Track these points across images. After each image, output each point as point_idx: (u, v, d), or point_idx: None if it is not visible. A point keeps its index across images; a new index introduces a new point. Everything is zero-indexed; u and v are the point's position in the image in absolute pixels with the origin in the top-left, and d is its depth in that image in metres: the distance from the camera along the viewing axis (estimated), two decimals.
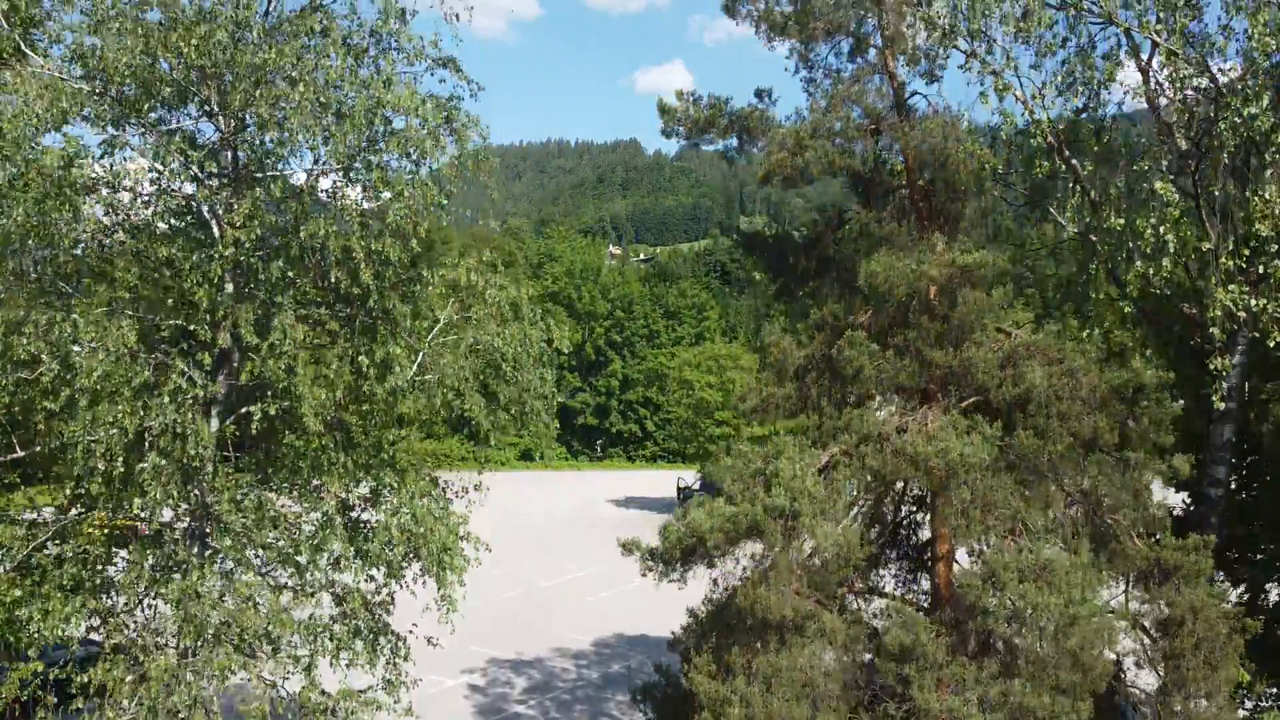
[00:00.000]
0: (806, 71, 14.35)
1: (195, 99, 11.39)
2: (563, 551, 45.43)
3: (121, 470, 10.80)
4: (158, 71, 10.41)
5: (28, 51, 10.41)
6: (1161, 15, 12.62)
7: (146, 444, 11.33)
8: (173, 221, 12.02)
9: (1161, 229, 11.04)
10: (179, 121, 11.42)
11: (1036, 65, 13.50)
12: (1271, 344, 11.41)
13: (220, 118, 11.69)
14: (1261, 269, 11.67)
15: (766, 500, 10.81)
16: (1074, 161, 13.73)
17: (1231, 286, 11.16)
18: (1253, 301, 11.45)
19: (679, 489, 60.63)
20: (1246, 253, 11.67)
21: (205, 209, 11.96)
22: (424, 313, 13.94)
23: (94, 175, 11.11)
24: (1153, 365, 12.00)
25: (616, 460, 79.71)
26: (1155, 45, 12.25)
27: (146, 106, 10.59)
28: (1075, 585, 10.09)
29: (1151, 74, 12.59)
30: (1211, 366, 12.18)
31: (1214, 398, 12.41)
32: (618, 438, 79.36)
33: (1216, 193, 12.18)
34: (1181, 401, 12.98)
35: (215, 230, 12.16)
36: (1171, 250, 11.19)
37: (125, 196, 11.26)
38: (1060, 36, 14.21)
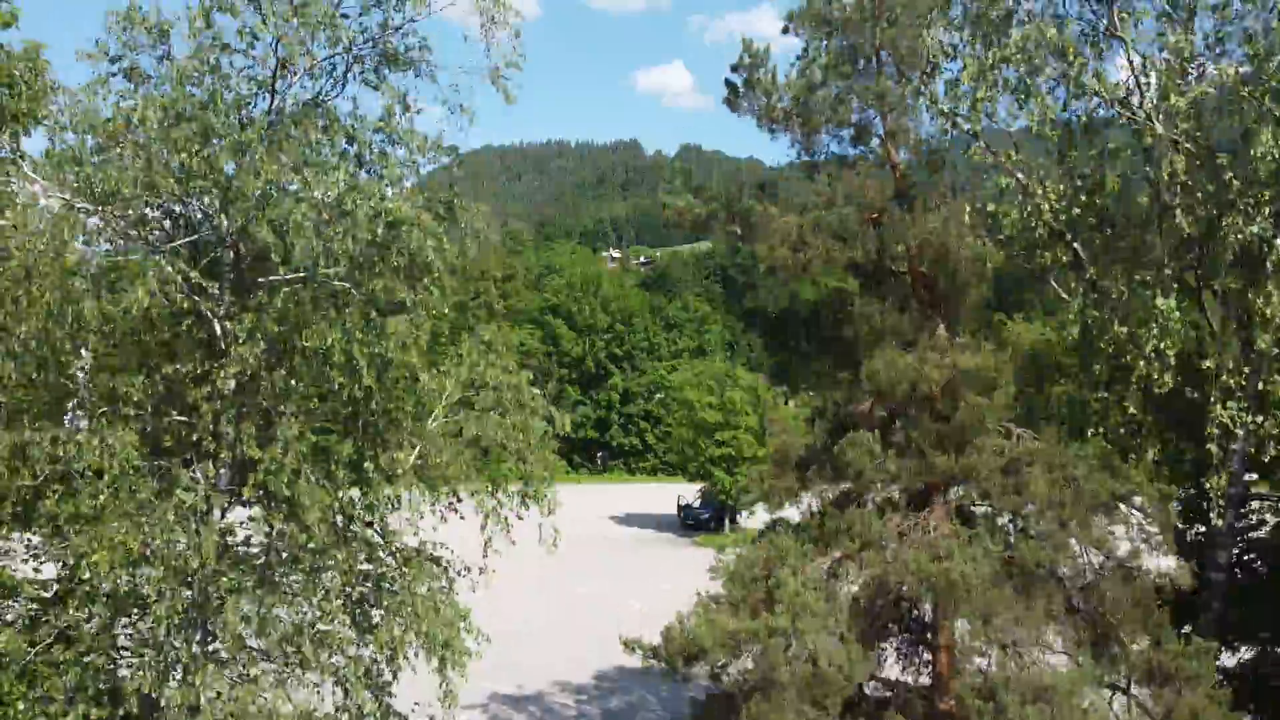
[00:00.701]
0: (808, 157, 14.34)
1: (195, 209, 11.40)
2: (563, 575, 45.40)
3: (125, 589, 10.82)
4: (157, 190, 10.40)
5: (30, 173, 10.40)
6: (1168, 103, 12.59)
7: (149, 551, 11.35)
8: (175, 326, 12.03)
9: (1163, 344, 11.04)
10: (177, 230, 11.41)
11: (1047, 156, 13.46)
12: (1267, 459, 11.43)
13: (222, 220, 11.70)
14: (1261, 385, 11.67)
15: (769, 620, 10.83)
16: (1078, 250, 13.71)
17: (1231, 403, 11.16)
18: (1250, 418, 11.44)
19: (679, 506, 60.72)
20: (1247, 370, 11.67)
21: (206, 309, 11.96)
22: (426, 402, 13.95)
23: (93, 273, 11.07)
24: (1155, 466, 11.99)
25: (617, 473, 79.77)
26: (1169, 143, 12.21)
27: (147, 226, 10.58)
28: (1077, 711, 10.10)
29: (1161, 170, 12.51)
30: (1208, 485, 12.18)
31: (1211, 514, 12.40)
32: (618, 451, 79.42)
33: (1218, 287, 12.18)
34: (1179, 504, 13.00)
35: (217, 328, 12.17)
36: (1173, 364, 11.19)
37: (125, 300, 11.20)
38: (1062, 120, 14.19)
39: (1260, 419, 11.50)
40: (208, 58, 11.85)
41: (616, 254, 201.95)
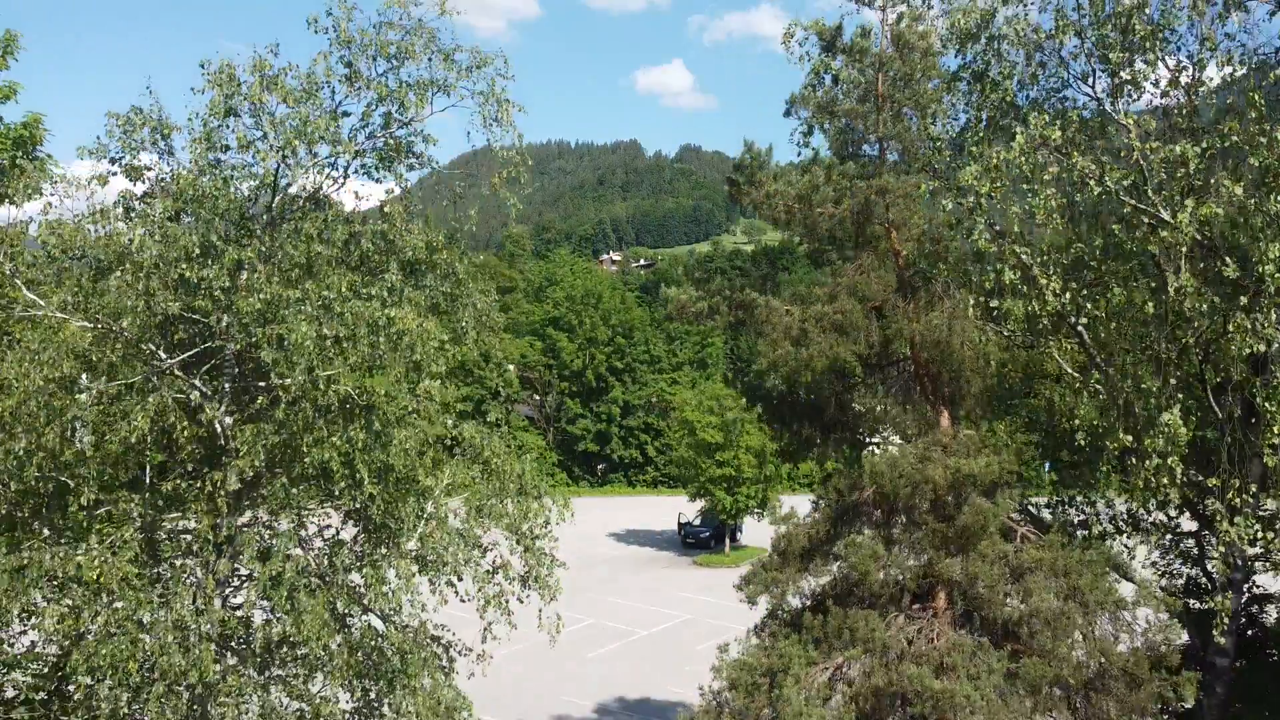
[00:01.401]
0: (811, 247, 14.28)
1: (196, 319, 11.34)
2: (564, 598, 45.34)
3: (126, 710, 10.78)
4: (157, 312, 10.35)
5: (31, 296, 10.32)
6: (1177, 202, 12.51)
7: (151, 663, 11.32)
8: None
9: (1170, 460, 10.97)
10: (175, 348, 11.34)
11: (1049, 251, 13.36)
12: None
13: (222, 322, 11.65)
14: (1270, 500, 11.60)
15: None
16: (1083, 335, 13.59)
17: (1238, 520, 11.09)
18: (1260, 534, 11.34)
19: (680, 524, 60.62)
20: (1254, 489, 11.60)
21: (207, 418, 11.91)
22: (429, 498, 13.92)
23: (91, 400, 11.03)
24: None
25: (618, 486, 79.70)
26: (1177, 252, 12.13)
27: (148, 349, 10.51)
28: None
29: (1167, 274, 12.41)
30: (1212, 605, 12.11)
31: (1214, 632, 12.33)
32: (619, 464, 79.32)
33: (1226, 401, 12.10)
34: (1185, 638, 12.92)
35: (218, 427, 12.12)
36: (1179, 481, 11.11)
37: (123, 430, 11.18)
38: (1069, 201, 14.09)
39: (1270, 535, 11.42)
40: (209, 157, 11.85)
41: (617, 257, 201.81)
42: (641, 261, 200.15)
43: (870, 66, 13.51)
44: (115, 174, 12.18)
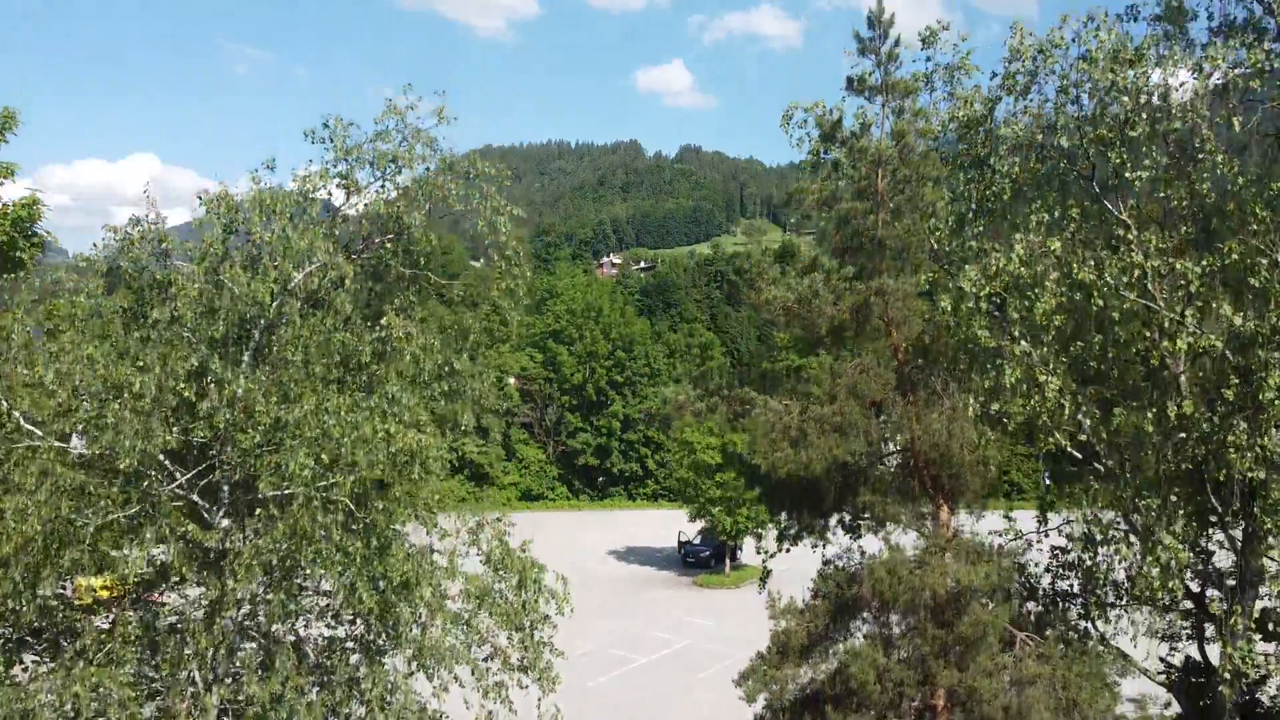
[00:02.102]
0: (811, 344, 14.26)
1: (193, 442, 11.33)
2: (564, 623, 45.28)
3: None
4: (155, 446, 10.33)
5: (25, 423, 10.32)
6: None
7: None
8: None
9: (1171, 584, 10.96)
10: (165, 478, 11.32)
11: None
12: None
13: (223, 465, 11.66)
14: (1273, 626, 11.58)
15: None
16: (1088, 440, 13.55)
17: (1241, 643, 11.07)
18: (1266, 658, 11.32)
19: (680, 543, 60.64)
20: (1258, 613, 11.59)
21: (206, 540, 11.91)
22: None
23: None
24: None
25: (618, 499, 79.76)
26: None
27: (147, 483, 10.50)
28: None
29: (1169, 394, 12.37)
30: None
31: None
32: (619, 477, 79.36)
33: (1228, 517, 12.07)
34: None
35: (214, 542, 12.09)
36: (1180, 608, 11.11)
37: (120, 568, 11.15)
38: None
39: (1273, 664, 11.38)
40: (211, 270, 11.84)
41: (617, 260, 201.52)
42: (642, 264, 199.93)
43: (870, 164, 13.48)
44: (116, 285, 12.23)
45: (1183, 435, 11.43)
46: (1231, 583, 13.82)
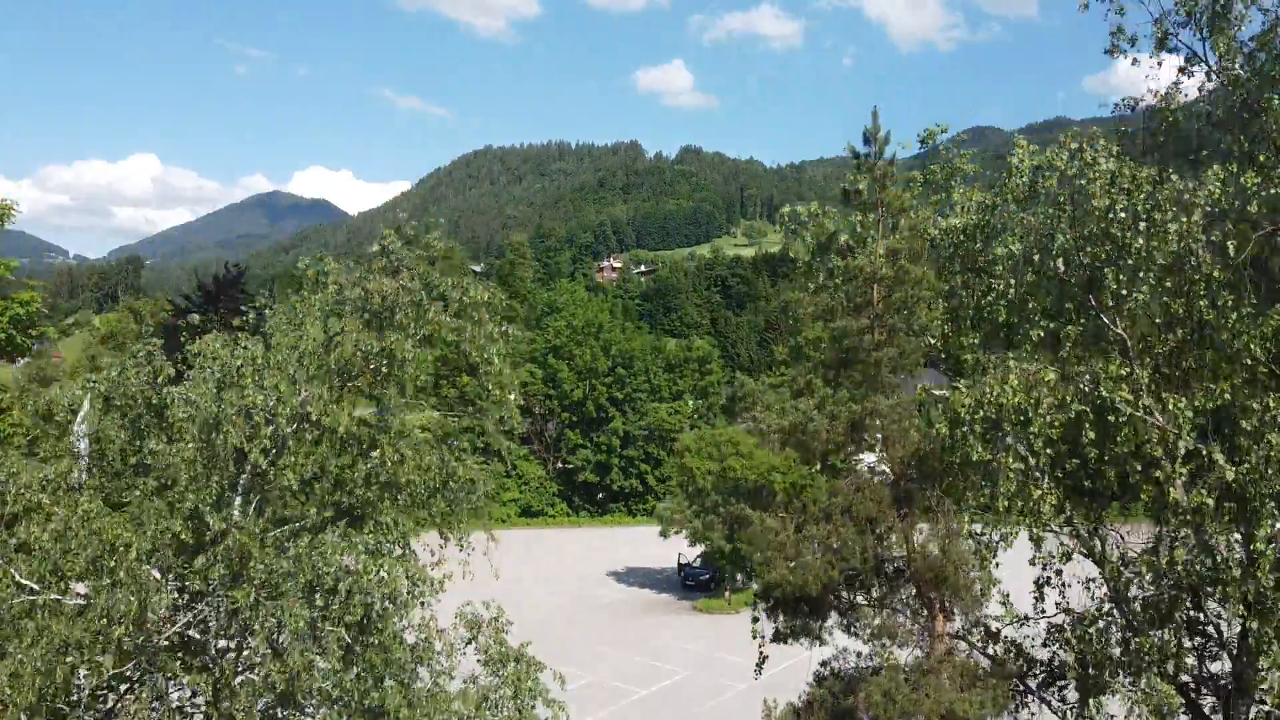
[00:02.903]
0: (807, 466, 14.30)
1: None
2: (564, 652, 45.27)
3: None
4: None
5: (28, 582, 10.34)
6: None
7: None
8: None
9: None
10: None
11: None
12: None
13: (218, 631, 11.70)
14: None
15: None
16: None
17: None
18: None
19: (680, 565, 60.73)
20: None
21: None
22: None
23: None
24: None
25: (618, 515, 79.86)
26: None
27: (143, 638, 10.53)
28: None
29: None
30: None
31: None
32: (619, 494, 79.45)
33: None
34: None
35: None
36: None
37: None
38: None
39: None
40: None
41: (617, 264, 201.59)
42: (642, 268, 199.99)
43: (865, 280, 13.50)
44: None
45: (1180, 573, 11.47)
46: (1228, 686, 13.90)
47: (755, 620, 16.53)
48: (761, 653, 16.19)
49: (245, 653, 12.20)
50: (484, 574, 14.67)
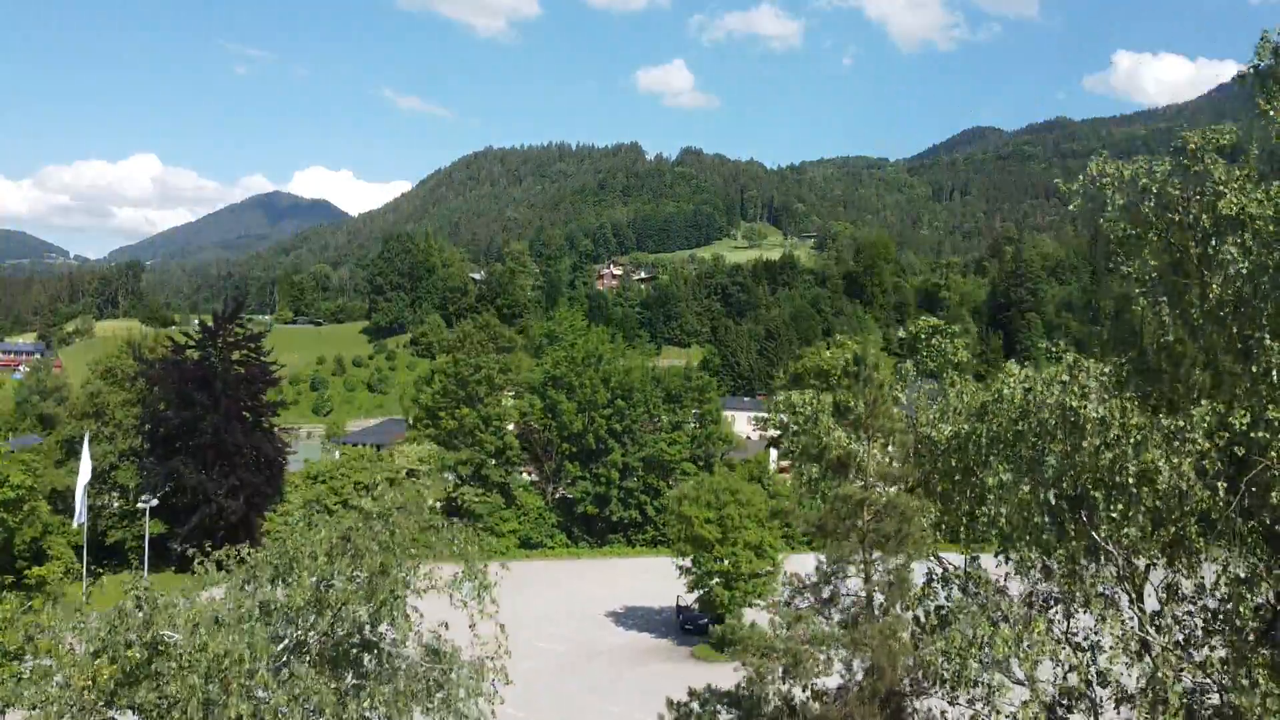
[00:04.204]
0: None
1: None
2: (564, 705, 45.19)
3: None
4: None
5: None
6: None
7: None
8: None
9: None
10: None
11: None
12: None
13: None
14: None
15: None
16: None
17: None
18: None
19: (678, 608, 60.90)
20: None
21: None
22: None
23: None
24: None
25: (617, 546, 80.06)
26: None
27: None
28: None
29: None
30: None
31: None
32: (618, 524, 79.63)
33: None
34: None
35: None
36: None
37: None
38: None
39: None
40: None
41: (618, 271, 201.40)
42: (642, 274, 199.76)
43: (855, 505, 13.53)
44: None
45: None
46: None
47: None
48: None
49: None
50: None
